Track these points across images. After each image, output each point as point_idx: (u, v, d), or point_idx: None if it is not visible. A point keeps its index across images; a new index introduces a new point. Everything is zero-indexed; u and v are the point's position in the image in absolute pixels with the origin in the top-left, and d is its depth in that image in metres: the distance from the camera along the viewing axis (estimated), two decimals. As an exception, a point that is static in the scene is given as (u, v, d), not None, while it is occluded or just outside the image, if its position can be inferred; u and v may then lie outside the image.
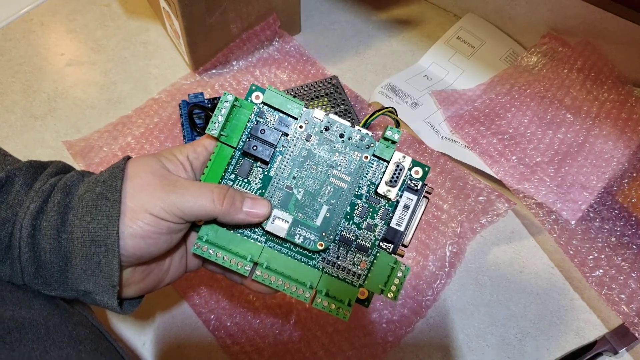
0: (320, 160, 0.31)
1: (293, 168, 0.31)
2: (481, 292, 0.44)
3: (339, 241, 0.31)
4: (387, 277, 0.30)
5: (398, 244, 0.31)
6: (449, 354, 0.41)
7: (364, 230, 0.31)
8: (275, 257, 0.31)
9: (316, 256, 0.31)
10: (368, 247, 0.31)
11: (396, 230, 0.30)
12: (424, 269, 0.44)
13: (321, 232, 0.30)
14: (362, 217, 0.31)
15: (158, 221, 0.27)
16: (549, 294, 0.43)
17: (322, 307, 0.30)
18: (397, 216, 0.31)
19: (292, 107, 0.31)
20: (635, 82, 0.51)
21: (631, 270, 0.41)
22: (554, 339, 0.41)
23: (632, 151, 0.47)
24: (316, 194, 0.31)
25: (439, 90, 0.56)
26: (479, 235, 0.46)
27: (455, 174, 0.49)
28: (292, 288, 0.30)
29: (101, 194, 0.27)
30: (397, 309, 0.42)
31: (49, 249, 0.27)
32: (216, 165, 0.30)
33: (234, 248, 0.30)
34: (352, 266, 0.31)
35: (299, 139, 0.31)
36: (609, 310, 0.41)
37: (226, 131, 0.30)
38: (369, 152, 0.31)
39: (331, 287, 0.30)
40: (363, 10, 0.65)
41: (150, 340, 0.42)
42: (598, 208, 0.45)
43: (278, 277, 0.30)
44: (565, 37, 0.54)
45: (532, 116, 0.50)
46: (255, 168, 0.31)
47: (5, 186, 0.28)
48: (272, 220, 0.30)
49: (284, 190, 0.31)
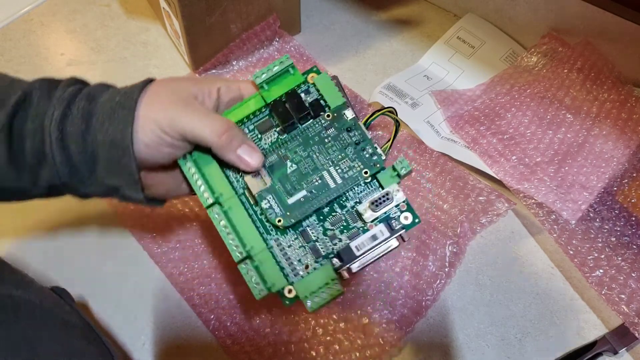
0: (325, 152, 0.31)
1: (300, 145, 0.31)
2: (481, 292, 0.44)
3: (300, 232, 0.31)
4: (317, 288, 0.30)
5: (344, 265, 0.30)
6: (449, 354, 0.41)
7: (327, 237, 0.31)
8: (237, 209, 0.31)
9: (272, 233, 0.31)
10: (321, 254, 0.31)
11: (352, 252, 0.30)
12: (424, 269, 0.44)
13: (287, 211, 0.30)
14: (333, 226, 0.31)
15: (161, 134, 0.29)
16: (549, 294, 0.43)
17: (245, 273, 0.30)
18: (361, 241, 0.31)
19: (333, 98, 0.31)
20: (635, 82, 0.51)
21: (631, 270, 0.41)
22: (554, 339, 0.41)
23: (632, 151, 0.47)
24: (304, 177, 0.31)
25: (439, 90, 0.56)
26: (479, 235, 0.46)
27: (455, 174, 0.49)
28: (232, 240, 0.30)
29: (120, 102, 0.30)
30: (397, 309, 0.42)
31: (77, 151, 0.30)
32: (242, 110, 0.32)
33: (211, 180, 0.31)
34: (297, 262, 0.31)
35: (320, 124, 0.31)
36: (609, 310, 0.41)
37: (269, 86, 0.32)
38: (372, 170, 0.31)
39: (266, 266, 0.30)
40: (363, 10, 0.65)
41: (150, 340, 0.42)
42: (598, 208, 0.45)
43: (228, 224, 0.30)
44: (565, 37, 0.54)
45: (532, 116, 0.50)
46: (273, 131, 0.32)
47: (25, 102, 0.30)
48: (255, 175, 0.31)
49: (280, 158, 0.31)
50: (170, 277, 0.45)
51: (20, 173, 0.30)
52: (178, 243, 0.46)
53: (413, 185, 0.49)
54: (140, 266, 0.46)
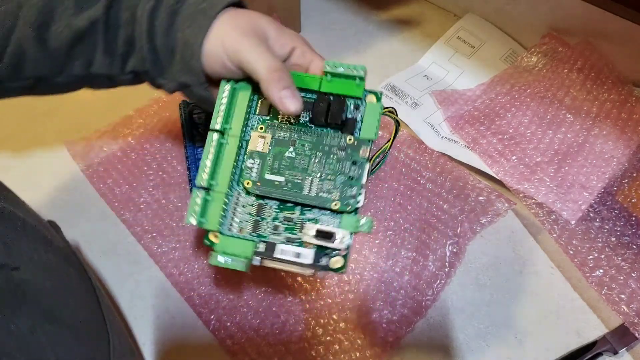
0: (322, 163, 0.32)
1: (310, 142, 0.32)
2: (481, 292, 0.44)
3: (257, 204, 0.32)
4: (231, 253, 0.31)
5: (261, 255, 0.31)
6: (449, 354, 0.41)
7: (272, 224, 0.32)
8: (231, 149, 0.33)
9: (239, 187, 0.32)
10: (257, 232, 0.32)
11: (273, 251, 0.31)
12: (424, 269, 0.44)
13: (258, 181, 0.32)
14: (283, 221, 0.32)
15: (223, 55, 0.31)
16: (549, 294, 0.43)
17: (194, 196, 0.31)
18: (287, 249, 0.31)
19: (367, 129, 0.32)
20: (635, 82, 0.51)
21: (631, 270, 0.41)
22: (554, 339, 0.41)
23: (632, 151, 0.47)
24: (293, 168, 0.32)
25: (439, 90, 0.56)
26: (479, 235, 0.46)
27: (455, 174, 0.49)
28: (207, 166, 0.32)
29: (202, 10, 0.32)
30: (397, 309, 0.42)
31: (160, 44, 0.33)
32: (296, 80, 0.32)
33: (232, 112, 0.33)
34: (237, 222, 0.32)
35: (338, 140, 0.32)
36: (609, 310, 0.41)
37: (332, 78, 0.33)
38: (342, 207, 0.31)
39: (214, 205, 0.32)
40: (363, 10, 0.65)
41: (150, 340, 0.42)
42: (598, 208, 0.45)
43: (215, 153, 0.32)
44: (565, 37, 0.54)
45: (532, 116, 0.50)
46: (304, 114, 0.33)
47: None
48: (262, 137, 0.32)
49: (289, 139, 0.32)
50: (170, 277, 0.45)
51: (113, 59, 0.34)
52: (178, 243, 0.46)
53: (413, 185, 0.49)
54: (140, 266, 0.46)
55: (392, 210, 0.47)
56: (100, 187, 0.50)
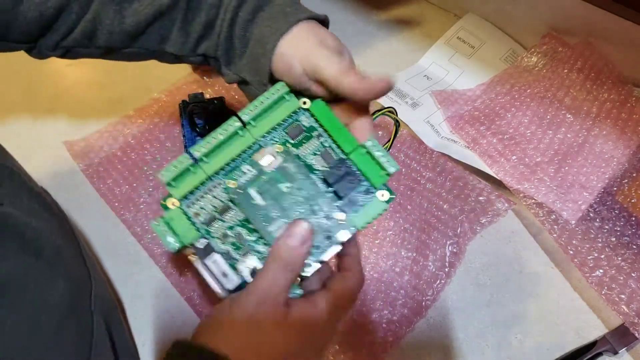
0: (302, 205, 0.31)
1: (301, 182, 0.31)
2: (481, 292, 0.44)
3: (229, 200, 0.31)
4: (175, 229, 0.30)
5: (195, 249, 0.30)
6: (449, 354, 0.41)
7: (230, 227, 0.30)
8: (240, 144, 0.31)
9: (221, 174, 0.31)
10: (208, 223, 0.30)
11: (211, 250, 0.30)
12: (424, 269, 0.44)
13: (237, 189, 0.31)
14: (237, 240, 0.30)
15: (292, 57, 0.31)
16: (549, 294, 0.43)
17: (180, 160, 0.30)
18: (220, 260, 0.30)
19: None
20: (635, 82, 0.51)
21: (631, 270, 0.41)
22: (554, 339, 0.41)
23: (632, 151, 0.47)
24: (278, 196, 0.31)
25: (439, 90, 0.56)
26: (479, 235, 0.46)
27: (455, 174, 0.49)
28: (210, 141, 0.30)
29: (286, 12, 0.32)
30: (397, 309, 0.42)
31: (237, 35, 0.33)
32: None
33: (265, 122, 0.32)
34: (199, 201, 0.31)
35: (323, 192, 0.31)
36: (609, 310, 0.41)
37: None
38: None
39: (190, 179, 0.30)
40: (363, 10, 0.65)
41: (150, 340, 0.42)
42: (598, 208, 0.45)
43: (225, 139, 0.31)
44: (565, 37, 0.54)
45: (532, 116, 0.50)
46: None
47: None
48: (265, 156, 0.31)
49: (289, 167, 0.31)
50: (170, 277, 0.45)
51: (187, 39, 0.34)
52: (178, 243, 0.46)
53: (413, 185, 0.49)
54: (140, 266, 0.46)
55: (392, 210, 0.47)
56: (100, 187, 0.50)
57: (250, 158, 0.31)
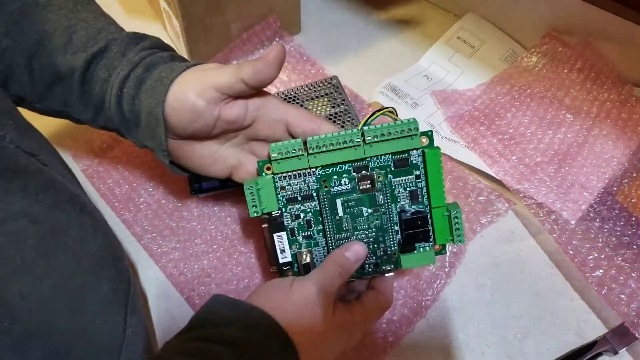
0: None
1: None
2: (481, 292, 0.44)
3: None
4: (265, 196, 0.35)
5: (267, 219, 0.35)
6: (449, 354, 0.41)
7: (301, 218, 0.36)
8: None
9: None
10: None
11: (282, 226, 0.35)
12: (424, 269, 0.44)
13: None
14: (304, 225, 0.36)
15: (190, 100, 0.33)
16: (549, 294, 0.43)
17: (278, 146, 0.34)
18: (284, 238, 0.35)
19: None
20: (635, 82, 0.51)
21: (631, 270, 0.41)
22: (554, 339, 0.41)
23: (632, 151, 0.47)
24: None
25: (439, 90, 0.56)
26: (479, 235, 0.46)
27: (455, 174, 0.49)
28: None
29: (161, 79, 0.34)
30: (397, 309, 0.42)
31: (127, 109, 0.35)
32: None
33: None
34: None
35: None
36: (609, 310, 0.41)
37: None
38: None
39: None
40: (363, 10, 0.65)
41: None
42: (598, 208, 0.45)
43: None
44: (565, 37, 0.54)
45: (532, 116, 0.50)
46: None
47: (104, 52, 0.36)
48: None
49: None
50: (170, 277, 0.45)
51: (86, 108, 0.37)
52: (178, 243, 0.46)
53: (413, 185, 0.49)
54: (140, 266, 0.46)
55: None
56: (100, 187, 0.50)
57: (352, 173, 0.34)
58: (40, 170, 0.31)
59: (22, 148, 0.30)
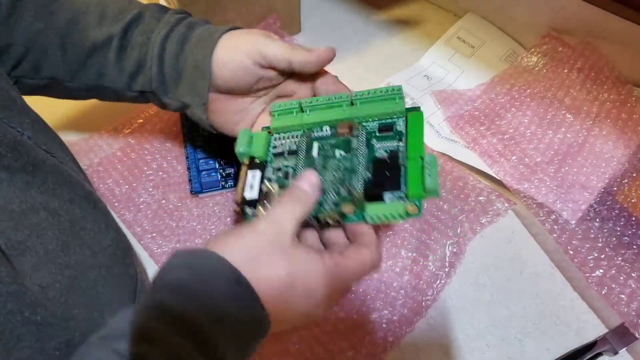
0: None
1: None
2: (481, 292, 0.44)
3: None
4: (256, 142, 0.36)
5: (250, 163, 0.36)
6: (449, 354, 0.41)
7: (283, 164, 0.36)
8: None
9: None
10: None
11: (264, 167, 0.36)
12: (424, 269, 0.44)
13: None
14: (279, 171, 0.36)
15: (237, 57, 0.35)
16: (549, 294, 0.43)
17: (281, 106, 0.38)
18: (258, 176, 0.35)
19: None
20: (635, 82, 0.51)
21: (631, 270, 0.41)
22: (554, 339, 0.41)
23: (632, 151, 0.47)
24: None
25: (439, 90, 0.56)
26: (479, 235, 0.46)
27: (455, 174, 0.49)
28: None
29: (209, 34, 0.36)
30: (397, 309, 0.42)
31: (169, 67, 0.37)
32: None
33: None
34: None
35: None
36: (609, 310, 0.41)
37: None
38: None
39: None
40: (363, 10, 0.65)
41: (150, 340, 0.42)
42: (598, 208, 0.45)
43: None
44: (565, 37, 0.54)
45: (532, 116, 0.50)
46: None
47: (139, 19, 0.37)
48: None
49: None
50: (170, 277, 0.45)
51: (122, 75, 0.38)
52: (178, 243, 0.46)
53: (413, 185, 0.49)
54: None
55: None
56: (100, 187, 0.50)
57: (334, 122, 0.35)
58: (56, 166, 0.31)
59: (39, 145, 0.31)
